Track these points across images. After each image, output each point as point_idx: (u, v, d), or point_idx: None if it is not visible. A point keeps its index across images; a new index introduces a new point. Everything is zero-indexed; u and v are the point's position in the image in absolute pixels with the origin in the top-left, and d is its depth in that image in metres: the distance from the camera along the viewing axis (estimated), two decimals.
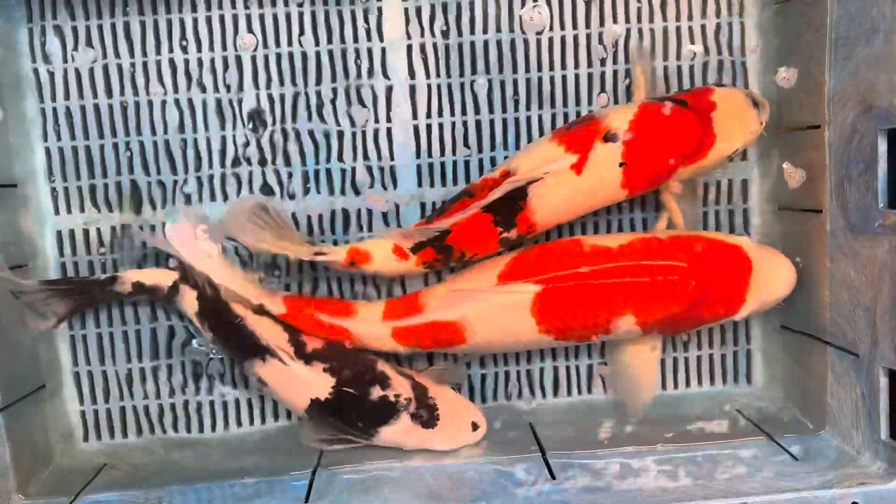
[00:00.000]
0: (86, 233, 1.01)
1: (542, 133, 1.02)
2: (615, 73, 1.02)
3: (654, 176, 0.93)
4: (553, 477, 0.88)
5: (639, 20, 1.01)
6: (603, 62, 1.01)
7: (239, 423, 1.05)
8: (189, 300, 0.94)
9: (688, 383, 1.07)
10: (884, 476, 0.84)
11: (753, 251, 0.93)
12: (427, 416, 0.94)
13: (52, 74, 0.99)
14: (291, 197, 1.02)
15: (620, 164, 0.91)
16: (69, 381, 1.02)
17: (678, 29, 1.02)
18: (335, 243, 1.01)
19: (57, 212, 1.00)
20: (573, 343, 0.97)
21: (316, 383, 0.93)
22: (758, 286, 0.92)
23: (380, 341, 0.95)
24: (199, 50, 1.00)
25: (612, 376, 1.03)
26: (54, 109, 0.99)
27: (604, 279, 0.90)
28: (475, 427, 0.97)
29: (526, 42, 1.01)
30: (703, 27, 1.02)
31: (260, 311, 0.95)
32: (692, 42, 1.02)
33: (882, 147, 0.82)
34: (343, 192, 1.02)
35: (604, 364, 1.05)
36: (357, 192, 1.02)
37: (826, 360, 0.93)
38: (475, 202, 0.92)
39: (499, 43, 1.01)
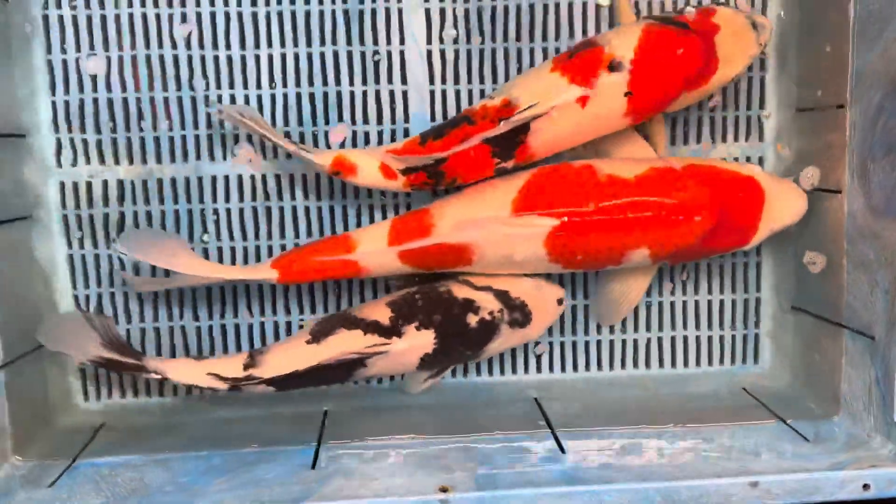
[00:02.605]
0: (89, 185, 0.98)
1: None
2: None
3: (657, 104, 0.92)
4: (563, 451, 0.87)
5: None
6: None
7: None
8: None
9: (697, 362, 1.06)
10: (895, 459, 0.83)
11: (766, 181, 0.93)
12: (521, 317, 0.95)
13: (61, 20, 0.96)
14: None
15: (626, 94, 0.89)
16: None
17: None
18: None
19: (61, 164, 0.98)
20: (581, 270, 0.97)
21: (419, 344, 0.92)
22: (770, 215, 0.93)
23: (387, 267, 0.93)
24: (213, 4, 0.97)
25: (599, 290, 1.02)
26: (63, 61, 0.96)
27: (621, 215, 0.89)
28: (559, 302, 0.99)
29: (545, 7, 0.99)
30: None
31: (320, 336, 0.92)
32: None
33: None
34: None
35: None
36: None
37: (840, 343, 0.93)
38: (476, 132, 0.90)
39: (518, 8, 0.99)
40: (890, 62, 0.83)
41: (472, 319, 0.93)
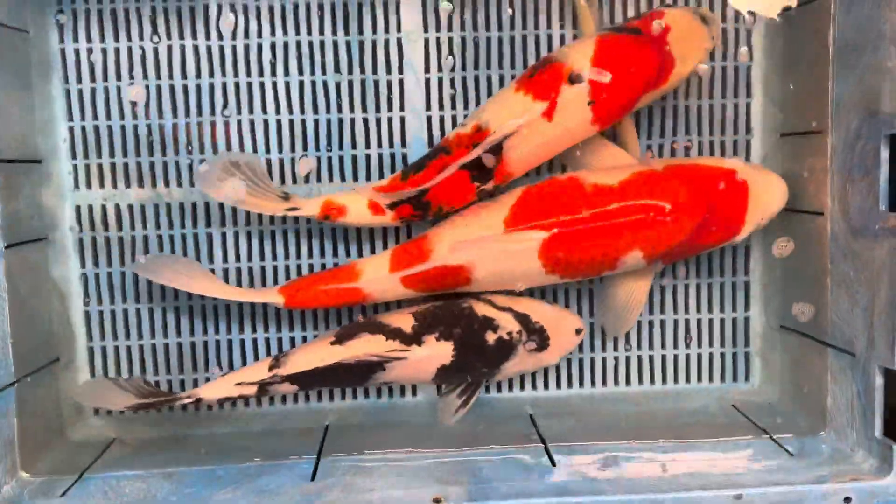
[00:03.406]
0: (104, 208, 1.03)
1: None
2: None
3: (621, 108, 0.95)
4: (553, 464, 0.90)
5: None
6: None
7: (246, 403, 1.07)
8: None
9: (687, 379, 1.09)
10: (876, 472, 0.86)
11: (747, 172, 0.96)
12: (539, 340, 0.98)
13: (77, 53, 1.01)
14: (307, 181, 1.04)
15: (589, 103, 0.93)
16: (83, 355, 1.04)
17: None
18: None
19: (77, 187, 1.03)
20: (578, 279, 0.99)
21: (437, 354, 0.96)
22: (755, 206, 0.95)
23: (391, 292, 0.97)
24: (221, 38, 1.02)
25: (602, 303, 1.04)
26: (79, 89, 1.01)
27: (610, 220, 0.92)
28: (578, 332, 1.01)
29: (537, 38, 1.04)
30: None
31: (344, 338, 0.97)
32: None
33: (885, 152, 0.85)
34: (356, 179, 1.04)
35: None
36: (368, 179, 1.04)
37: (825, 361, 0.95)
38: (453, 160, 0.94)
39: (512, 39, 1.03)
40: (865, 90, 0.87)
41: (491, 337, 0.96)
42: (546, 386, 1.09)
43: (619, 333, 1.06)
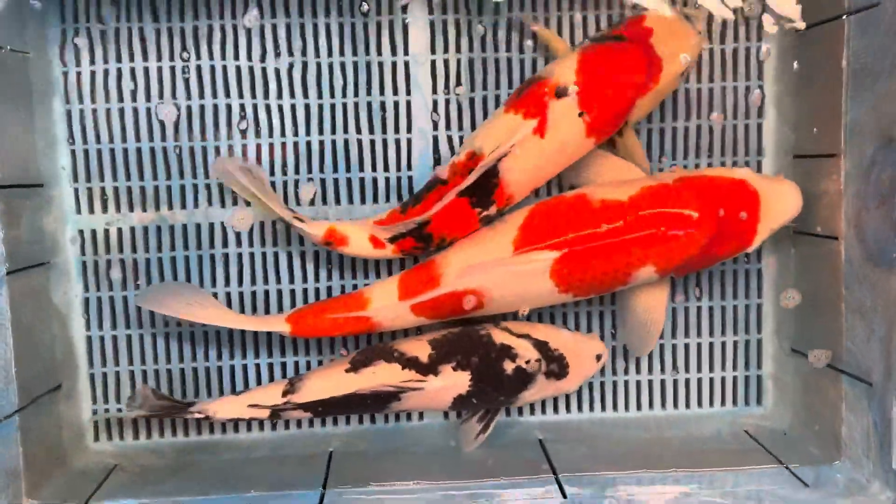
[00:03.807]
0: (106, 232, 1.01)
1: None
2: None
3: (615, 117, 0.93)
4: (565, 496, 0.88)
5: None
6: None
7: (249, 428, 1.05)
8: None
9: (699, 403, 1.07)
10: None
11: (758, 182, 0.94)
12: (558, 369, 0.96)
13: (79, 76, 1.00)
14: (312, 203, 1.03)
15: (580, 115, 0.91)
16: (84, 381, 1.03)
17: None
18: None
19: (79, 211, 1.01)
20: (593, 296, 0.97)
21: (454, 384, 0.94)
22: (767, 215, 0.94)
23: (401, 320, 0.95)
24: (224, 58, 1.01)
25: (623, 322, 1.03)
26: (81, 112, 1.00)
27: (620, 236, 0.90)
28: (598, 358, 1.00)
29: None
30: (722, 52, 1.03)
31: (359, 365, 0.95)
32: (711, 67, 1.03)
33: None
34: (363, 202, 1.03)
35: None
36: (375, 202, 1.03)
37: (839, 387, 0.94)
38: (449, 189, 0.92)
39: (521, 61, 1.02)
40: (880, 116, 0.85)
41: (509, 367, 0.95)
42: (556, 410, 1.07)
43: (642, 352, 1.04)
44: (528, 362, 0.95)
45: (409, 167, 1.03)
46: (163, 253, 1.02)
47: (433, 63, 1.02)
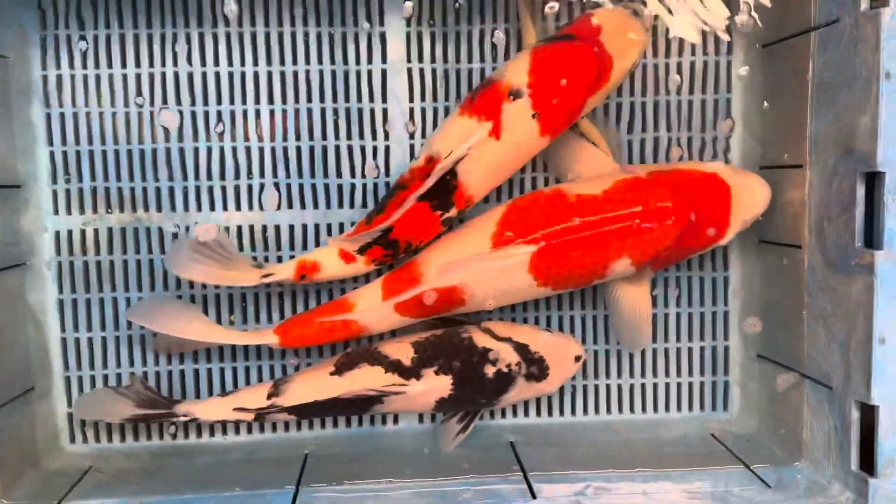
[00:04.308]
0: (83, 233, 1.02)
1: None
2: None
3: (568, 115, 0.95)
4: (534, 496, 0.90)
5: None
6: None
7: (224, 432, 1.06)
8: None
9: (667, 408, 1.10)
10: None
11: (729, 175, 0.97)
12: (538, 371, 0.98)
13: (59, 79, 1.00)
14: (290, 207, 1.04)
15: (533, 116, 0.93)
16: (59, 383, 1.03)
17: (667, 65, 1.06)
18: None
19: (56, 212, 1.02)
20: (571, 289, 0.98)
21: (436, 388, 0.96)
22: (739, 208, 0.97)
23: (386, 322, 0.97)
24: (204, 65, 1.02)
25: (615, 324, 1.04)
26: (61, 115, 1.01)
27: (596, 229, 0.92)
28: (577, 359, 1.01)
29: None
30: (692, 63, 1.06)
31: (343, 368, 0.97)
32: (679, 75, 1.06)
33: (861, 190, 0.86)
34: (341, 206, 1.05)
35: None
36: (352, 207, 1.05)
37: (802, 392, 0.97)
38: (410, 194, 0.93)
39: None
40: (842, 128, 0.88)
41: (490, 370, 0.97)
42: (527, 413, 1.09)
43: (637, 348, 1.06)
44: (508, 366, 0.97)
45: (387, 174, 1.05)
46: (141, 255, 1.03)
47: (409, 71, 1.04)
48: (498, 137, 0.93)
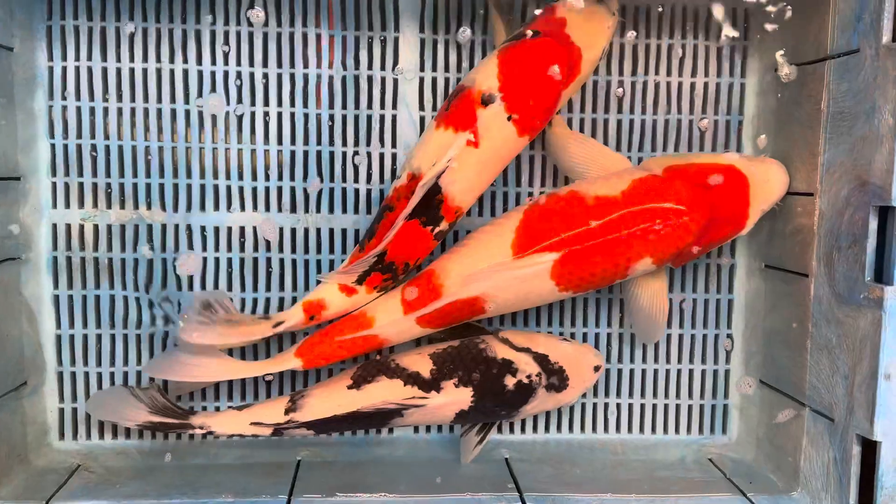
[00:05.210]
0: (81, 228, 1.00)
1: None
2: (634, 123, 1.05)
3: (544, 113, 0.94)
4: None
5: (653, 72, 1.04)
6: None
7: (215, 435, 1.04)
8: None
9: (665, 429, 1.09)
10: None
11: (745, 165, 0.96)
12: (559, 381, 0.98)
13: (64, 71, 0.99)
14: (293, 210, 1.03)
15: (509, 118, 0.92)
16: (51, 379, 1.02)
17: (679, 86, 1.05)
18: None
19: (55, 205, 1.00)
20: (592, 291, 0.98)
21: (456, 400, 0.95)
22: (757, 198, 0.95)
23: (407, 334, 0.96)
24: (214, 63, 1.00)
25: (631, 315, 1.03)
26: (63, 107, 0.99)
27: (618, 232, 0.91)
28: (597, 369, 1.01)
29: None
30: (705, 85, 1.05)
31: (361, 381, 0.95)
32: (692, 100, 1.05)
33: (873, 223, 0.85)
34: (344, 211, 1.03)
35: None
36: (357, 212, 1.03)
37: (801, 421, 0.96)
38: (397, 216, 0.92)
39: None
40: (857, 159, 0.87)
41: (510, 381, 0.95)
42: (523, 430, 1.08)
43: (651, 340, 1.05)
44: (529, 377, 0.96)
45: (394, 179, 1.03)
46: (138, 253, 1.01)
47: (421, 80, 1.02)
48: (477, 146, 0.92)
